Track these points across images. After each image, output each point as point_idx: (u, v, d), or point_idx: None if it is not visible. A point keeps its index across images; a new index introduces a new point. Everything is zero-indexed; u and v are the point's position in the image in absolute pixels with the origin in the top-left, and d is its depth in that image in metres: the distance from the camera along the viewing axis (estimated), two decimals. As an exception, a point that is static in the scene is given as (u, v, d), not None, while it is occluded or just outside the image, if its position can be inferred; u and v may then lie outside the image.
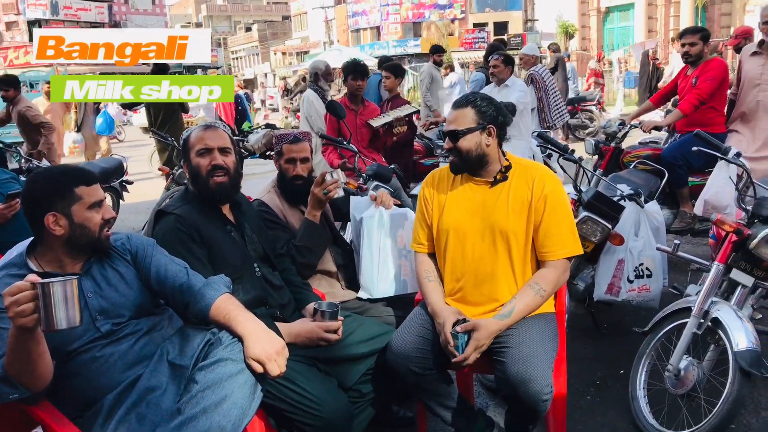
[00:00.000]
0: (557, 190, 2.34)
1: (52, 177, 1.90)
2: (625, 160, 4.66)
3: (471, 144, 2.33)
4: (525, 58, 7.21)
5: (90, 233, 1.88)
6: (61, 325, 1.53)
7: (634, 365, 2.80)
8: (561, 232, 2.30)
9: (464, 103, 2.38)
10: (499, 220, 2.32)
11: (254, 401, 1.74)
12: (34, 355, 1.64)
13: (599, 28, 30.18)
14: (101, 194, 1.94)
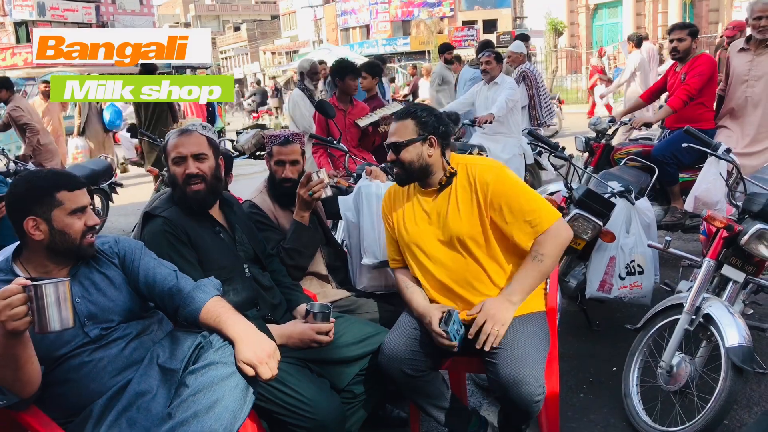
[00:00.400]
0: (499, 174, 2.30)
1: (33, 181, 1.87)
2: (616, 157, 4.67)
3: (413, 155, 2.33)
4: (513, 55, 7.22)
5: (70, 240, 1.85)
6: (55, 326, 1.53)
7: (627, 362, 2.80)
8: (531, 207, 2.25)
9: (404, 114, 2.38)
10: (454, 227, 2.32)
11: (246, 404, 1.72)
12: (22, 361, 1.62)
13: (588, 25, 30.29)
14: (85, 200, 1.89)
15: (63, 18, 39.15)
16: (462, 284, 2.34)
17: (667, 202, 4.52)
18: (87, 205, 1.89)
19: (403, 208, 2.47)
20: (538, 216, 2.24)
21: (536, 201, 2.28)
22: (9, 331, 1.52)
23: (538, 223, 2.24)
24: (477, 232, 2.30)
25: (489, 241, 2.31)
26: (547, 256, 2.24)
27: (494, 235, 2.31)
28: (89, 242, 1.90)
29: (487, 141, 5.59)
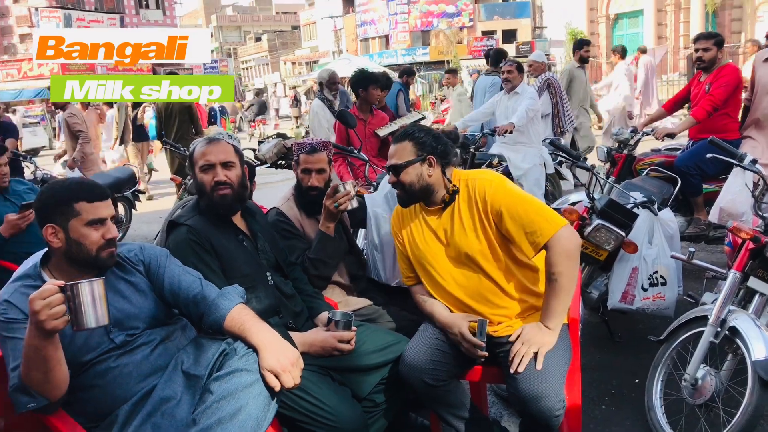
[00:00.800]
0: (497, 186, 2.27)
1: (56, 189, 1.90)
2: (638, 168, 4.63)
3: (412, 177, 2.33)
4: (534, 64, 7.20)
5: (86, 251, 1.85)
6: (91, 323, 1.58)
7: (650, 374, 2.77)
8: (531, 217, 2.19)
9: (402, 137, 2.39)
10: (461, 244, 2.31)
11: (269, 412, 1.73)
12: (53, 363, 1.65)
13: (608, 35, 30.16)
14: (104, 212, 1.88)
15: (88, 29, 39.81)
16: (477, 299, 2.34)
17: (690, 213, 4.47)
18: (106, 218, 1.89)
19: (412, 227, 2.47)
20: (539, 227, 2.18)
21: (535, 211, 2.21)
22: (48, 330, 1.55)
23: (540, 235, 2.17)
24: (484, 246, 2.29)
25: (497, 254, 2.29)
26: (560, 274, 2.16)
27: (501, 247, 2.29)
28: (108, 254, 1.89)
29: (507, 150, 5.57)
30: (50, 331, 1.56)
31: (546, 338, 2.15)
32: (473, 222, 2.29)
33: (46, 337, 1.59)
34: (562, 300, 2.19)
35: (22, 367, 1.66)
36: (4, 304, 1.80)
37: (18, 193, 3.88)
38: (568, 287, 2.18)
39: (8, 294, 1.83)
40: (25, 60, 36.72)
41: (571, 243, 2.18)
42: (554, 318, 2.19)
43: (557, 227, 2.17)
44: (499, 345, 2.28)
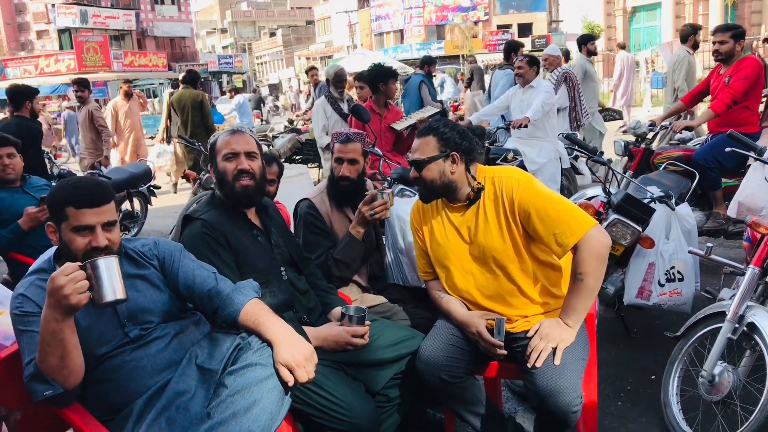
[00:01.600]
0: (526, 185, 2.23)
1: (58, 188, 1.90)
2: (656, 162, 4.59)
3: (434, 173, 2.28)
4: (549, 58, 7.15)
5: (72, 255, 1.83)
6: (109, 297, 1.64)
7: (666, 371, 2.74)
8: (560, 217, 2.15)
9: (427, 131, 2.34)
10: (485, 242, 2.28)
11: (283, 406, 1.74)
12: (69, 346, 1.67)
13: (625, 28, 29.85)
14: (92, 219, 1.81)
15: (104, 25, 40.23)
16: (495, 299, 2.32)
17: (708, 208, 4.42)
18: (94, 225, 1.82)
19: (433, 223, 2.44)
20: (569, 227, 2.13)
21: (565, 212, 2.17)
22: (73, 304, 1.59)
23: (570, 235, 2.13)
24: (508, 246, 2.26)
25: (521, 254, 2.26)
26: (587, 274, 2.12)
27: (525, 248, 2.26)
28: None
29: (522, 145, 5.54)
30: (74, 306, 1.59)
31: (564, 334, 2.13)
32: (498, 221, 2.26)
33: (65, 318, 1.62)
34: (585, 299, 2.16)
35: (38, 354, 1.68)
36: (20, 298, 1.82)
37: (36, 188, 3.92)
38: (593, 288, 2.15)
39: (24, 288, 1.85)
40: (42, 56, 37.13)
41: (600, 244, 2.13)
42: (575, 316, 2.16)
43: (587, 228, 2.13)
44: (516, 340, 2.26)
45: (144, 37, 43.96)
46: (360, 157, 2.86)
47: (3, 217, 3.63)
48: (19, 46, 41.93)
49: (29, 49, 41.37)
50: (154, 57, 41.18)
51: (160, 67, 40.87)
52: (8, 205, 3.68)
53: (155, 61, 40.78)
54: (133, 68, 37.92)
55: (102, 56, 36.24)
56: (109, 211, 1.86)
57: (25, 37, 42.74)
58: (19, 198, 3.76)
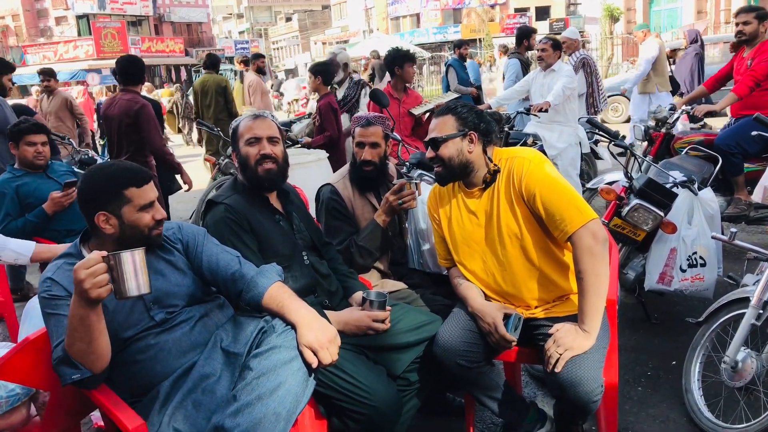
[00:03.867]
0: (535, 168, 2.20)
1: (105, 176, 1.91)
2: (676, 146, 4.53)
3: (452, 151, 2.27)
4: (568, 41, 7.07)
5: (140, 232, 1.90)
6: (132, 292, 1.62)
7: (688, 356, 2.73)
8: (561, 204, 2.13)
9: (444, 111, 2.33)
10: (501, 226, 2.26)
11: (308, 388, 1.75)
12: (96, 333, 1.69)
13: (645, 10, 29.33)
14: (152, 195, 1.93)
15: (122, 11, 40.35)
16: (512, 284, 2.30)
17: (730, 193, 4.36)
18: (154, 200, 1.93)
19: (450, 208, 2.43)
20: (568, 215, 2.10)
21: (568, 200, 2.13)
22: (93, 298, 1.59)
23: (568, 224, 2.09)
24: (523, 228, 2.24)
25: (537, 237, 2.24)
26: (584, 272, 2.07)
27: (537, 231, 2.24)
28: (158, 233, 1.95)
29: (542, 130, 5.50)
30: (95, 299, 1.60)
31: (579, 342, 2.06)
32: (510, 202, 2.25)
33: (90, 307, 1.63)
34: (590, 300, 2.08)
35: (66, 338, 1.70)
36: (48, 282, 1.85)
37: (58, 173, 3.97)
38: (594, 285, 2.07)
39: (52, 272, 1.87)
40: (60, 42, 37.40)
41: (594, 239, 2.07)
42: (587, 320, 2.08)
43: (586, 219, 2.09)
44: (537, 327, 2.26)
45: (161, 23, 44.05)
46: (381, 140, 2.85)
47: (28, 201, 3.70)
48: (38, 33, 42.20)
49: (48, 36, 41.63)
50: (171, 42, 41.33)
51: (177, 53, 41.03)
52: (33, 190, 3.74)
53: (172, 46, 40.93)
54: (151, 54, 38.08)
55: (120, 42, 36.43)
56: (155, 187, 1.97)
57: (44, 24, 42.98)
58: (42, 183, 3.81)
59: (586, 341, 2.05)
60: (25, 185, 3.75)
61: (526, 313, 2.28)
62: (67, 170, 4.12)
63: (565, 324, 2.12)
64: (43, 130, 3.85)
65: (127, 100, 4.72)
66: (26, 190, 3.74)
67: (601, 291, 2.08)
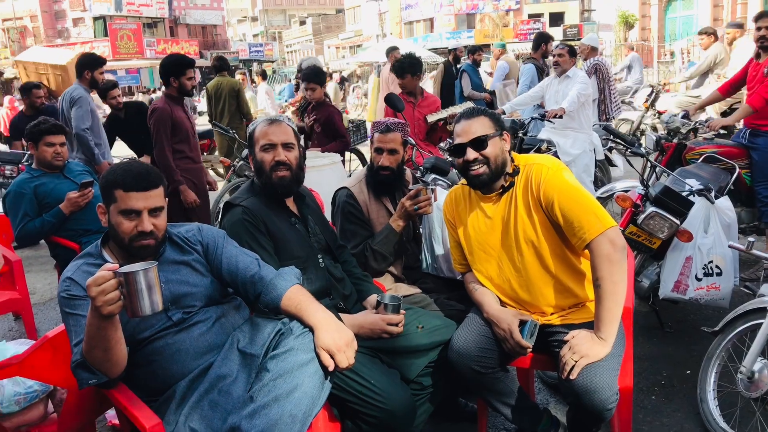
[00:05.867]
0: (553, 175, 2.20)
1: (110, 170, 1.93)
2: (688, 157, 4.46)
3: (497, 150, 2.26)
4: (587, 49, 7.05)
5: (120, 238, 1.88)
6: (146, 311, 1.58)
7: (703, 366, 2.71)
8: (580, 211, 2.12)
9: (475, 113, 2.32)
10: (518, 232, 2.26)
11: (323, 391, 1.76)
12: (113, 342, 1.69)
13: (660, 17, 29.19)
14: (140, 204, 1.86)
15: (138, 12, 40.68)
16: (528, 290, 2.30)
17: (747, 204, 4.32)
18: (141, 210, 1.86)
19: (466, 213, 2.43)
20: (587, 222, 2.09)
21: (587, 206, 2.12)
22: (105, 314, 1.58)
23: (587, 231, 2.08)
24: (540, 234, 2.23)
25: (550, 243, 2.24)
26: (602, 279, 2.06)
27: (554, 238, 2.23)
28: (141, 245, 1.88)
29: (556, 136, 5.48)
30: (106, 315, 1.59)
31: (595, 349, 2.04)
32: (528, 208, 2.25)
33: (106, 320, 1.62)
34: (607, 308, 2.06)
35: (84, 345, 1.71)
36: (67, 281, 1.87)
37: (74, 173, 4.01)
38: (612, 294, 2.06)
39: (71, 272, 1.89)
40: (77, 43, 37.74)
41: (613, 246, 2.06)
42: (603, 327, 2.06)
43: (604, 227, 2.08)
44: (552, 334, 2.26)
45: (176, 25, 44.38)
46: (400, 146, 2.87)
47: (46, 201, 3.74)
48: (56, 34, 42.64)
49: (65, 37, 42.06)
50: (186, 44, 41.61)
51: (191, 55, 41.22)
52: (50, 190, 3.78)
53: (187, 48, 41.17)
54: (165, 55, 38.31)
55: (135, 43, 36.77)
56: (156, 197, 1.90)
57: (61, 25, 43.43)
58: (60, 183, 3.86)
59: (602, 349, 2.04)
60: (43, 185, 3.79)
61: (542, 319, 2.28)
62: (83, 170, 4.16)
63: (580, 331, 2.11)
64: (62, 131, 3.90)
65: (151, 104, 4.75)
66: (44, 190, 3.78)
67: (618, 299, 2.07)
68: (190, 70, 4.58)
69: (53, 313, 4.57)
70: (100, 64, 5.33)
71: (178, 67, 4.55)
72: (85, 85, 5.27)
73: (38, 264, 5.92)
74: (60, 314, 4.26)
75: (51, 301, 4.85)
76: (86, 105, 5.14)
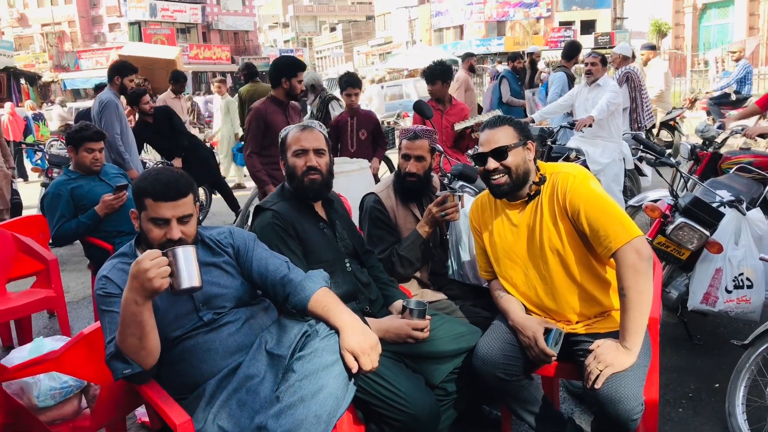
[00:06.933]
0: (579, 184, 2.20)
1: (141, 178, 1.99)
2: (723, 167, 4.42)
3: (518, 160, 2.27)
4: (619, 58, 6.99)
5: (150, 244, 1.94)
6: (186, 284, 1.72)
7: (732, 379, 2.68)
8: (608, 222, 2.11)
9: (499, 121, 2.33)
10: (543, 240, 2.26)
11: (348, 393, 1.79)
12: (147, 329, 1.76)
13: (695, 25, 28.76)
14: (168, 213, 1.91)
15: (172, 18, 41.41)
16: (553, 298, 2.30)
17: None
18: (170, 218, 1.91)
19: (492, 220, 2.44)
20: (613, 231, 2.09)
21: (613, 216, 2.12)
22: (156, 288, 1.68)
23: (613, 240, 2.08)
24: (565, 243, 2.24)
25: (579, 252, 2.24)
26: (628, 288, 2.06)
27: (579, 246, 2.24)
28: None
29: (585, 144, 5.45)
30: (156, 290, 1.68)
31: (620, 359, 2.03)
32: (553, 217, 2.25)
33: (146, 300, 1.71)
34: (633, 317, 2.06)
35: (119, 334, 1.78)
36: (104, 280, 1.93)
37: (109, 175, 4.12)
38: (637, 304, 2.05)
39: (107, 270, 1.96)
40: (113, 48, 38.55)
41: (639, 256, 2.05)
42: (629, 337, 2.05)
43: (631, 236, 2.07)
44: (577, 343, 2.25)
45: (209, 31, 45.05)
46: (427, 153, 2.89)
47: (82, 203, 3.84)
48: (92, 39, 43.63)
49: (101, 41, 43.00)
50: (218, 50, 42.24)
51: (223, 60, 41.88)
52: (86, 192, 3.88)
53: (219, 54, 41.81)
54: (198, 61, 38.98)
55: (168, 49, 37.40)
56: (185, 205, 1.95)
57: (98, 30, 44.43)
58: (95, 186, 3.95)
59: (628, 358, 2.04)
60: (79, 188, 3.90)
61: (567, 328, 2.28)
62: (117, 173, 4.26)
63: (606, 340, 2.11)
64: (101, 138, 4.01)
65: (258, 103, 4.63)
66: (80, 193, 3.88)
67: (644, 308, 2.07)
68: (301, 72, 4.57)
69: (86, 312, 4.68)
70: (130, 72, 5.49)
71: (291, 69, 4.54)
72: (114, 90, 5.42)
73: (72, 264, 6.08)
74: (91, 313, 4.38)
75: (84, 300, 4.97)
76: (114, 109, 5.28)
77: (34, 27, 42.82)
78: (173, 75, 7.55)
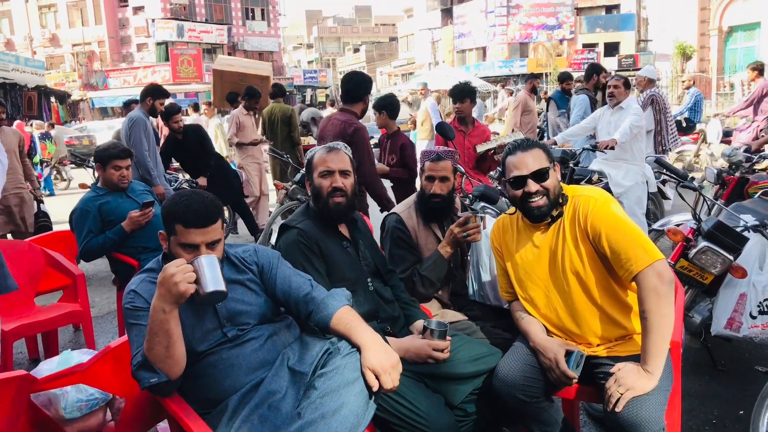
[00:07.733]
0: (600, 207, 2.21)
1: (171, 202, 2.03)
2: (750, 191, 4.39)
3: (555, 181, 2.30)
4: (642, 80, 6.99)
5: None
6: (210, 287, 1.81)
7: (757, 406, 2.63)
8: (627, 244, 2.12)
9: (530, 144, 2.35)
10: (565, 262, 2.27)
11: (368, 411, 1.81)
12: (174, 337, 1.82)
13: (720, 48, 28.57)
14: (198, 239, 1.94)
15: (199, 39, 42.21)
16: (574, 320, 2.31)
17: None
18: (199, 244, 1.95)
19: (514, 242, 2.45)
20: (634, 255, 2.09)
21: (635, 239, 2.12)
22: (181, 292, 1.76)
23: (634, 263, 2.09)
24: (587, 265, 2.25)
25: (600, 275, 2.24)
26: (649, 312, 2.05)
27: (601, 269, 2.24)
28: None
29: (608, 167, 5.44)
30: (182, 294, 1.76)
31: (641, 383, 2.02)
32: (575, 240, 2.26)
33: (173, 308, 1.79)
34: (654, 341, 2.05)
35: (146, 342, 1.84)
36: (132, 294, 1.98)
37: (136, 192, 4.20)
38: (658, 327, 2.05)
39: (135, 285, 2.01)
40: (140, 68, 39.38)
41: (661, 280, 2.05)
42: (650, 360, 2.05)
43: (652, 259, 2.08)
44: (598, 365, 2.25)
45: (234, 51, 45.73)
46: (450, 174, 2.93)
47: (109, 219, 3.92)
48: (120, 58, 44.57)
49: (129, 61, 43.90)
50: (243, 70, 42.75)
51: (248, 80, 42.31)
52: (114, 208, 3.96)
53: (243, 73, 42.32)
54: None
55: (194, 68, 38.09)
56: (213, 231, 1.99)
57: (126, 50, 45.38)
58: (122, 202, 4.03)
59: (649, 382, 2.03)
60: (107, 204, 3.98)
61: (588, 350, 2.28)
62: (144, 189, 4.35)
63: (627, 363, 2.10)
64: (129, 155, 4.10)
65: (342, 121, 4.32)
66: (108, 209, 3.96)
67: (665, 332, 2.06)
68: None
69: (110, 326, 4.75)
70: (162, 95, 5.69)
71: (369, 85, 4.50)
72: (145, 110, 5.61)
73: (97, 279, 6.17)
74: (116, 327, 4.43)
75: (108, 315, 5.05)
76: (143, 127, 5.52)
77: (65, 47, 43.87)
78: (247, 90, 7.61)
